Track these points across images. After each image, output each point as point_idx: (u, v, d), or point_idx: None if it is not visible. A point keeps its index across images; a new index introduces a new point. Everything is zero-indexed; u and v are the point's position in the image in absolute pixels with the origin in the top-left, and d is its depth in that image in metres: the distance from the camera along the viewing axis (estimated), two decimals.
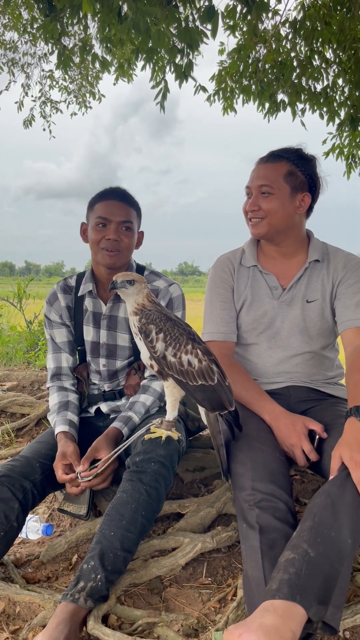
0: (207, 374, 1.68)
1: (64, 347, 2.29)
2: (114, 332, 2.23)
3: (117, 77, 5.61)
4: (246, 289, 2.13)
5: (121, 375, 2.28)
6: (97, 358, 2.27)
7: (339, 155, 5.25)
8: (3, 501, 1.80)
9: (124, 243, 2.11)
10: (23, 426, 3.26)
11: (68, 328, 2.29)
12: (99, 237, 2.10)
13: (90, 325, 2.25)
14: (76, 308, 2.27)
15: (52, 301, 2.29)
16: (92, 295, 2.24)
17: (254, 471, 1.64)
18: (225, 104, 5.15)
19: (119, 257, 2.13)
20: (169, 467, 1.80)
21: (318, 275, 2.08)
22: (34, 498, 1.91)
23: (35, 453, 2.02)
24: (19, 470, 1.90)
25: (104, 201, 2.13)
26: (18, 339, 6.71)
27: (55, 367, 2.29)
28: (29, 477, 1.90)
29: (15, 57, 6.49)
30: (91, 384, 2.33)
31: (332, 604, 1.27)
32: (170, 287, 2.23)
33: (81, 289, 2.25)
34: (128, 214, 2.13)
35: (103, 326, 2.23)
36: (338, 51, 4.29)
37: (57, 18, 3.19)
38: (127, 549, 1.65)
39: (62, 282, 2.32)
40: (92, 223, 2.13)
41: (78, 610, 1.53)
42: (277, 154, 2.05)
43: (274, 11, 4.33)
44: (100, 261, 2.14)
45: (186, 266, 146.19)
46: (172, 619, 1.57)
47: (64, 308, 2.27)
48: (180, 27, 3.05)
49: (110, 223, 2.09)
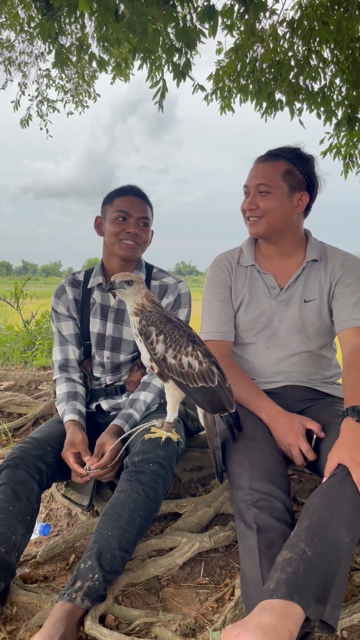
0: (208, 376, 1.67)
1: (71, 339, 2.30)
2: (120, 325, 2.25)
3: (114, 76, 5.60)
4: (244, 289, 2.13)
5: (124, 369, 2.29)
6: (101, 350, 2.28)
7: (336, 154, 5.25)
8: (22, 484, 1.80)
9: (142, 238, 2.19)
10: (20, 426, 3.26)
11: (75, 321, 2.31)
12: (119, 229, 2.16)
13: (98, 317, 2.27)
14: (83, 301, 2.30)
15: (59, 294, 2.32)
16: (101, 289, 2.27)
17: (251, 470, 1.64)
18: (222, 103, 5.15)
19: (136, 251, 2.19)
20: (167, 468, 1.79)
21: (316, 274, 2.08)
22: (48, 480, 1.91)
23: (47, 437, 2.01)
24: (32, 452, 1.90)
25: (124, 196, 2.20)
26: (15, 339, 6.70)
27: (63, 359, 2.30)
28: (43, 459, 1.90)
29: (12, 56, 6.46)
30: (94, 379, 2.33)
31: (330, 602, 1.27)
32: (180, 283, 2.29)
33: (91, 282, 2.29)
34: (146, 210, 2.21)
35: (110, 319, 2.25)
36: (335, 51, 4.29)
37: (54, 17, 3.18)
38: (125, 549, 1.65)
39: (70, 276, 2.37)
40: (112, 216, 2.18)
41: (75, 609, 1.52)
42: (275, 153, 2.05)
43: (271, 11, 4.34)
44: (117, 252, 2.18)
45: (184, 266, 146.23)
46: (169, 618, 1.57)
47: (71, 301, 2.29)
48: (178, 26, 3.05)
49: (130, 217, 2.16)
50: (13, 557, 1.69)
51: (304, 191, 2.03)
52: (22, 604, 1.67)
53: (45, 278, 67.36)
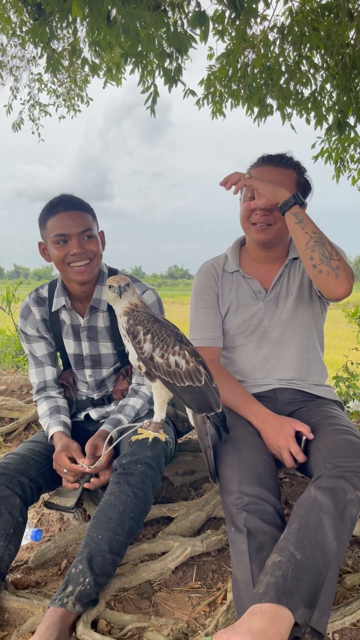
0: (195, 375, 1.69)
1: (45, 359, 2.24)
2: (95, 342, 2.18)
3: (105, 80, 5.62)
4: (231, 294, 2.14)
5: (109, 382, 2.26)
6: (82, 369, 2.24)
7: (327, 159, 5.28)
8: (4, 499, 1.80)
9: (91, 251, 2.01)
10: (12, 431, 3.24)
11: (46, 340, 2.22)
12: (62, 254, 1.98)
13: (71, 338, 2.20)
14: (52, 319, 2.20)
15: (25, 315, 2.19)
16: (67, 309, 2.17)
17: (241, 474, 1.64)
18: (214, 108, 5.17)
19: (91, 268, 2.03)
20: (155, 469, 1.79)
21: (297, 270, 2.11)
22: (32, 493, 1.90)
23: (29, 451, 2.00)
24: (13, 467, 1.89)
25: (55, 215, 1.99)
26: (7, 343, 6.67)
27: (40, 382, 2.25)
28: (25, 473, 1.89)
29: (3, 60, 6.47)
30: (78, 390, 2.31)
31: (318, 607, 1.28)
32: (145, 293, 2.13)
33: (54, 304, 2.16)
34: (85, 221, 2.00)
35: (84, 338, 2.17)
36: (326, 56, 4.31)
37: (46, 21, 3.18)
38: (116, 551, 1.65)
39: (33, 294, 2.21)
40: (51, 241, 1.99)
41: (67, 614, 1.52)
42: (284, 161, 2.02)
43: (262, 16, 4.35)
44: (72, 278, 2.03)
45: (176, 269, 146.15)
46: (161, 623, 1.57)
47: (39, 321, 2.19)
48: (169, 31, 3.06)
49: (70, 238, 1.97)
50: None
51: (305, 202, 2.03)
52: (13, 609, 1.66)
53: (37, 282, 67.18)
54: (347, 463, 1.55)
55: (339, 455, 1.59)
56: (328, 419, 1.85)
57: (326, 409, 1.98)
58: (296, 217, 1.81)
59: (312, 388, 2.12)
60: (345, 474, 1.52)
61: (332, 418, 1.87)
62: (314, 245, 1.78)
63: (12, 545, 1.77)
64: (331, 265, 1.78)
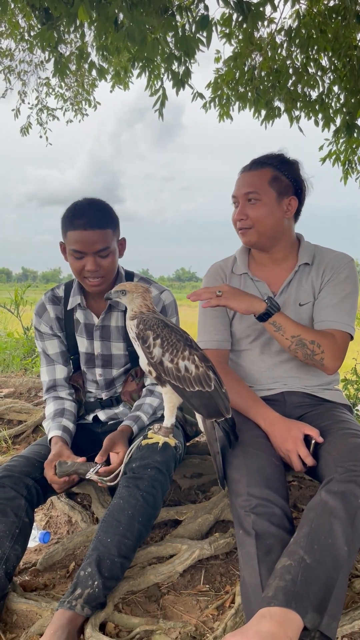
0: (204, 380, 1.68)
1: (57, 358, 2.26)
2: (107, 342, 2.20)
3: (113, 84, 5.64)
4: None
5: (118, 383, 2.27)
6: (92, 368, 2.25)
7: (335, 161, 5.27)
8: (9, 500, 1.80)
9: (104, 269, 2.02)
10: (20, 433, 3.26)
11: (59, 339, 2.25)
12: (79, 267, 2.02)
13: (84, 336, 2.22)
14: (66, 318, 2.23)
15: (40, 313, 2.24)
16: (82, 307, 2.20)
17: (249, 477, 1.64)
18: (221, 111, 5.18)
19: (104, 282, 2.07)
20: (165, 473, 1.79)
21: (307, 277, 2.08)
22: (38, 494, 1.91)
23: (34, 453, 2.01)
24: (18, 469, 1.90)
25: (75, 230, 1.98)
26: (15, 346, 6.70)
27: (50, 380, 2.26)
28: (30, 475, 1.90)
29: (11, 65, 6.52)
30: (88, 392, 2.32)
31: (328, 612, 1.26)
32: (162, 294, 2.19)
33: (70, 302, 2.20)
34: (104, 239, 1.99)
35: (96, 337, 2.20)
36: (333, 59, 4.31)
37: (54, 26, 3.20)
38: (124, 555, 1.65)
39: (49, 292, 2.26)
40: (69, 250, 2.02)
41: (75, 617, 1.52)
42: (259, 161, 2.05)
43: (269, 19, 4.37)
44: (86, 287, 2.10)
45: (183, 272, 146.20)
46: (170, 626, 1.56)
47: (53, 319, 2.22)
48: (177, 35, 3.08)
49: (86, 255, 1.99)
50: (1, 569, 1.68)
51: (292, 196, 2.03)
52: (22, 612, 1.66)
53: (45, 285, 67.44)
54: (358, 467, 1.54)
55: (350, 459, 1.57)
56: (338, 423, 1.84)
57: (336, 413, 1.97)
58: (274, 325, 1.88)
59: (322, 392, 2.11)
60: (356, 478, 1.50)
61: (342, 422, 1.86)
62: (296, 348, 1.90)
63: (19, 545, 1.77)
64: (315, 359, 1.91)
